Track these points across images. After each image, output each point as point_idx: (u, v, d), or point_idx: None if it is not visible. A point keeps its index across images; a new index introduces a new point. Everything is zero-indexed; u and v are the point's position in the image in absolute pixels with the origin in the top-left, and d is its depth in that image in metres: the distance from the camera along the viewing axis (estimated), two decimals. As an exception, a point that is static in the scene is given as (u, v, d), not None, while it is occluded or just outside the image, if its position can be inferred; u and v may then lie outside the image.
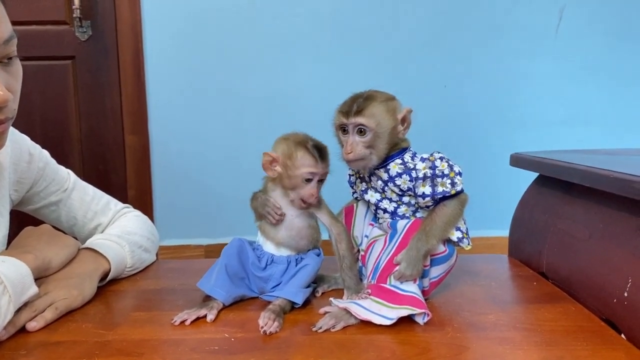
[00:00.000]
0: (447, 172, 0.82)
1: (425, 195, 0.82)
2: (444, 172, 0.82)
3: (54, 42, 2.16)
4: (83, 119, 2.22)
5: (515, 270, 1.06)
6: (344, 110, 0.82)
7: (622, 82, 2.26)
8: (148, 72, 2.18)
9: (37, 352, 0.69)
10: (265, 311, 0.78)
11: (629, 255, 0.78)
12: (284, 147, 0.83)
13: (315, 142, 0.83)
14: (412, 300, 0.77)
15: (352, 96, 0.84)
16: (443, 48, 2.22)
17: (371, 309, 0.76)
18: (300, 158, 0.81)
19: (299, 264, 0.86)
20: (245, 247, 0.87)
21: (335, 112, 0.84)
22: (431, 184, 0.82)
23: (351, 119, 0.81)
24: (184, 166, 2.24)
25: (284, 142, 0.83)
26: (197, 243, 2.25)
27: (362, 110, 0.80)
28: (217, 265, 0.86)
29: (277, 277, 0.86)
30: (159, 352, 0.69)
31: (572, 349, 0.69)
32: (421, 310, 0.76)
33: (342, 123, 0.82)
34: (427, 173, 0.82)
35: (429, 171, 0.82)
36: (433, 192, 0.82)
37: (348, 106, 0.82)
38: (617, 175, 0.80)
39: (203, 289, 0.84)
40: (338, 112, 0.83)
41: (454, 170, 0.82)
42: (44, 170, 1.00)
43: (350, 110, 0.81)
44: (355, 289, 0.82)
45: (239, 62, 2.19)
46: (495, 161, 2.11)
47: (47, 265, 0.83)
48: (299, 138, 0.83)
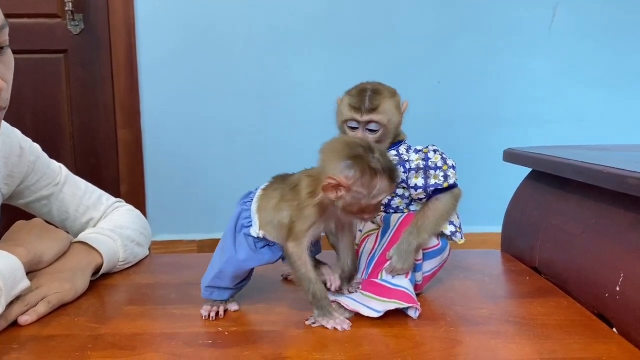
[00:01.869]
0: (440, 164, 0.82)
1: (418, 187, 0.82)
2: (437, 164, 0.82)
3: (46, 35, 2.14)
4: (75, 113, 2.20)
5: (508, 265, 1.06)
6: (356, 106, 0.81)
7: (616, 80, 2.27)
8: (141, 66, 2.17)
9: (29, 346, 0.69)
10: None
11: (621, 250, 0.79)
12: (354, 173, 0.68)
13: (386, 163, 0.70)
14: (402, 295, 0.77)
15: (358, 89, 0.83)
16: (437, 45, 2.22)
17: (361, 302, 0.77)
18: (379, 187, 0.69)
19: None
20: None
21: (343, 105, 0.83)
22: (424, 176, 0.82)
23: (365, 116, 0.80)
24: (176, 161, 2.23)
25: (355, 166, 0.68)
26: (191, 238, 2.25)
27: (377, 107, 0.80)
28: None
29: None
30: (153, 346, 0.69)
31: (564, 343, 0.69)
32: (409, 305, 0.76)
33: (353, 119, 0.81)
34: (420, 165, 0.82)
35: (421, 163, 0.82)
36: (425, 184, 0.82)
37: (359, 101, 0.80)
38: (610, 170, 0.81)
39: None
40: (349, 106, 0.81)
41: (448, 164, 0.82)
42: (35, 164, 1.00)
43: (362, 106, 0.80)
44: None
45: (233, 57, 2.18)
46: (488, 158, 2.12)
47: (39, 259, 0.82)
48: (368, 160, 0.69)
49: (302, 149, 2.17)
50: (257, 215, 0.77)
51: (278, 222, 0.74)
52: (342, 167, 0.68)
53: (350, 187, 0.68)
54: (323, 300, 0.74)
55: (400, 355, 0.66)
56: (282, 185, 0.76)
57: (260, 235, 0.76)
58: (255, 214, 0.77)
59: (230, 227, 0.79)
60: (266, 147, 2.21)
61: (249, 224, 0.77)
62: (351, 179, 0.68)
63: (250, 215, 0.77)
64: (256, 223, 0.76)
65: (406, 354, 0.66)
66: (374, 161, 0.68)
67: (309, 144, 2.46)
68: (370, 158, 0.68)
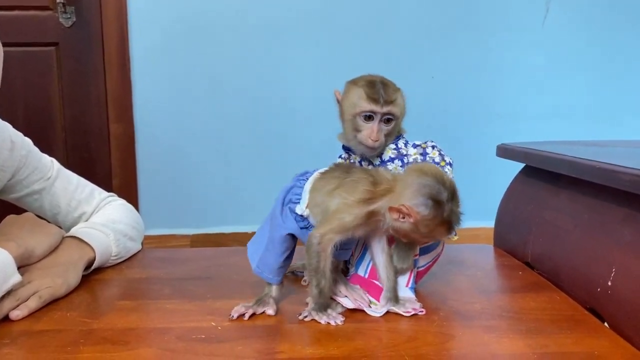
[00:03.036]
0: (438, 160, 0.82)
1: None
2: (434, 159, 0.82)
3: (37, 28, 2.12)
4: (67, 106, 2.19)
5: (500, 260, 1.07)
6: (375, 97, 0.80)
7: (608, 75, 2.28)
8: (133, 59, 2.15)
9: (20, 341, 0.68)
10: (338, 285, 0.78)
11: (613, 245, 0.79)
12: (428, 214, 0.69)
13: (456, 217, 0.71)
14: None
15: (367, 80, 0.82)
16: (431, 40, 2.22)
17: (361, 302, 0.77)
18: (437, 233, 0.72)
19: None
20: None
21: (355, 97, 0.81)
22: None
23: (385, 108, 0.80)
24: (169, 155, 2.22)
25: (432, 211, 0.69)
26: (183, 233, 2.24)
27: (395, 100, 0.80)
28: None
29: None
30: (146, 341, 0.69)
31: (556, 337, 0.69)
32: (411, 314, 0.76)
33: (372, 110, 0.81)
34: (417, 159, 0.82)
35: (419, 157, 0.82)
36: None
37: (376, 93, 0.80)
38: (603, 165, 0.81)
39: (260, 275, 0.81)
40: (367, 98, 0.80)
41: (445, 160, 0.82)
42: (27, 158, 0.99)
43: (379, 97, 0.80)
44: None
45: (226, 51, 2.17)
46: (480, 153, 2.12)
47: (30, 254, 0.82)
48: (445, 210, 0.69)
49: (296, 143, 2.17)
50: (308, 194, 0.77)
51: (326, 207, 0.74)
52: (420, 202, 0.69)
53: (416, 223, 0.69)
54: (326, 299, 0.75)
55: (394, 349, 0.66)
56: (343, 175, 0.76)
57: (305, 214, 0.77)
58: (306, 193, 0.77)
59: (279, 200, 0.80)
60: (260, 141, 2.21)
61: (297, 199, 0.78)
62: (422, 217, 0.69)
63: (301, 192, 0.78)
64: (304, 201, 0.77)
65: (399, 348, 0.66)
66: (447, 211, 0.69)
67: (303, 138, 2.47)
68: (447, 207, 0.69)
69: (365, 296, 0.78)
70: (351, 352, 0.65)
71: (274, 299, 0.79)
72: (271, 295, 0.80)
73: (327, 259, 0.73)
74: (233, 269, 0.97)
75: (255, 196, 2.15)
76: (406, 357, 0.64)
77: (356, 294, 0.78)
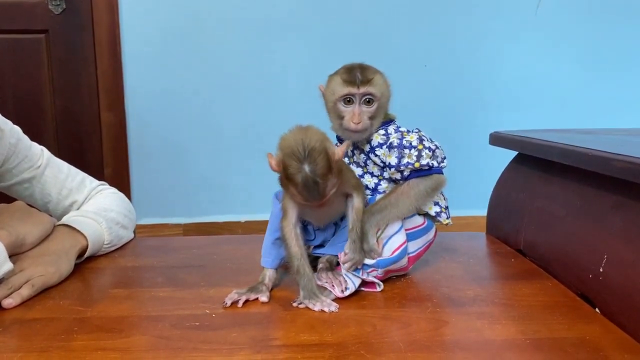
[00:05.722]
0: (415, 143, 0.80)
1: (391, 165, 0.81)
2: (411, 143, 0.80)
3: (26, 15, 2.09)
4: (57, 95, 2.17)
5: (493, 247, 1.07)
6: (350, 80, 0.80)
7: (601, 64, 2.28)
8: (124, 47, 2.13)
9: (13, 329, 0.68)
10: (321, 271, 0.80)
11: (604, 232, 0.80)
12: (275, 163, 0.73)
13: (306, 176, 0.72)
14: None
15: (346, 67, 0.82)
16: (423, 28, 2.22)
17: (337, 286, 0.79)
18: (291, 184, 0.74)
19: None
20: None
21: (334, 84, 0.81)
22: (398, 155, 0.80)
23: (362, 89, 0.79)
24: (161, 144, 2.21)
25: (284, 161, 0.73)
26: (176, 222, 2.23)
27: (371, 79, 0.80)
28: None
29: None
30: (139, 329, 0.69)
31: (548, 323, 0.70)
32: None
33: (349, 93, 0.80)
34: (393, 142, 0.81)
35: (396, 140, 0.81)
36: (398, 162, 0.80)
37: (353, 76, 0.80)
38: (595, 153, 0.81)
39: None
40: (342, 82, 0.80)
41: (424, 144, 0.81)
42: (16, 146, 0.98)
43: (356, 79, 0.79)
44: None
45: (218, 39, 2.16)
46: (474, 141, 2.13)
47: (21, 242, 0.81)
48: (291, 151, 0.72)
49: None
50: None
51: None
52: (278, 154, 0.73)
53: (281, 179, 0.74)
54: (308, 281, 0.76)
55: (387, 335, 0.67)
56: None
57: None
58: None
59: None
60: (251, 130, 2.19)
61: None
62: (276, 167, 0.73)
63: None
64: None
65: (393, 334, 0.67)
66: (294, 168, 0.71)
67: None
68: (294, 165, 0.70)
69: (343, 282, 0.79)
70: (345, 338, 0.65)
71: (266, 286, 0.80)
72: (264, 282, 0.80)
73: (293, 239, 0.77)
74: (226, 257, 0.97)
75: (247, 186, 2.15)
76: (400, 343, 0.64)
77: (335, 280, 0.79)
